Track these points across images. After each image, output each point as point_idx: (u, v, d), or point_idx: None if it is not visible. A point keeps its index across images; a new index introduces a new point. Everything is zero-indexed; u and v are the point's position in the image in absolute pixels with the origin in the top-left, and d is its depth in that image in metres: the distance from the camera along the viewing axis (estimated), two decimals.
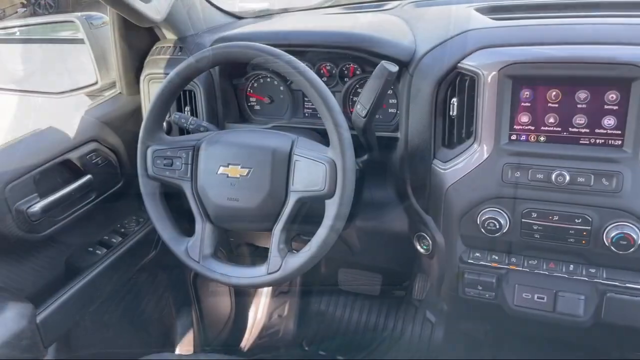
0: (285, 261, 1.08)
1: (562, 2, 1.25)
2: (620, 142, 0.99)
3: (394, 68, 1.03)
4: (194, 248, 1.15)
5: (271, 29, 1.42)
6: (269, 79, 1.43)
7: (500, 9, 1.27)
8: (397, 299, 2.01)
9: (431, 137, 1.16)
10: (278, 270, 1.08)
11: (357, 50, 1.22)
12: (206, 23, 1.59)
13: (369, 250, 1.51)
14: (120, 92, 1.55)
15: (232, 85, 1.44)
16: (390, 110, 1.31)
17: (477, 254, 1.17)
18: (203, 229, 1.15)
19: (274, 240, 1.09)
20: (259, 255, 1.99)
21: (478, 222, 1.10)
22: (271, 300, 2.09)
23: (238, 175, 1.10)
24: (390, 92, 1.28)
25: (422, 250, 1.30)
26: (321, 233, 1.05)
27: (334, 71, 1.34)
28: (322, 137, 1.26)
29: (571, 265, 1.10)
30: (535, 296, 1.13)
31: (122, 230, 1.53)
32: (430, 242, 1.26)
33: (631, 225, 0.99)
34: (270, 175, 1.07)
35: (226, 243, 1.83)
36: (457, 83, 1.11)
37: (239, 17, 1.73)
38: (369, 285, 1.99)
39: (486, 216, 1.09)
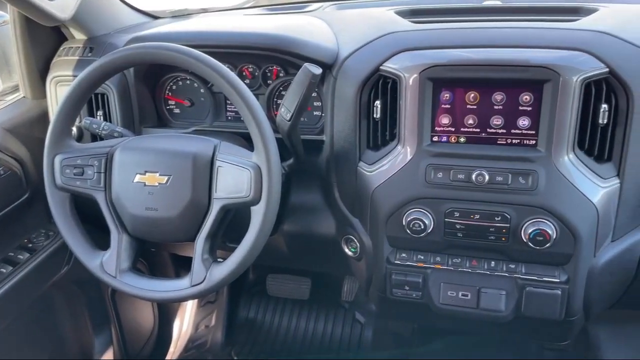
0: (210, 272, 1.03)
1: (480, 6, 1.29)
2: (534, 142, 1.04)
3: (318, 70, 1.02)
4: (110, 262, 1.08)
5: (190, 29, 1.36)
6: (188, 81, 1.37)
7: (420, 12, 1.30)
8: (326, 302, 2.00)
9: (356, 140, 1.16)
10: (202, 281, 1.03)
11: (279, 52, 1.20)
12: (119, 22, 1.50)
13: (298, 254, 1.49)
14: (24, 96, 1.43)
15: (149, 88, 1.37)
16: (315, 113, 1.30)
17: (404, 255, 1.18)
18: (119, 242, 1.08)
19: (197, 250, 1.04)
20: (184, 265, 1.92)
21: (404, 223, 1.11)
22: (197, 310, 2.02)
23: (156, 184, 1.04)
24: (314, 94, 1.27)
25: (350, 253, 1.30)
26: (248, 240, 1.01)
27: (256, 73, 1.31)
28: (246, 141, 1.23)
29: (492, 262, 1.14)
30: (460, 293, 1.15)
31: (30, 245, 1.42)
32: (358, 244, 1.26)
33: (546, 221, 1.04)
34: (192, 183, 1.02)
35: (147, 254, 1.75)
36: (380, 85, 1.11)
37: (155, 17, 1.66)
38: (298, 289, 1.97)
39: (411, 217, 1.10)
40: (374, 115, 1.13)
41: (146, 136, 1.17)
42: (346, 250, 1.30)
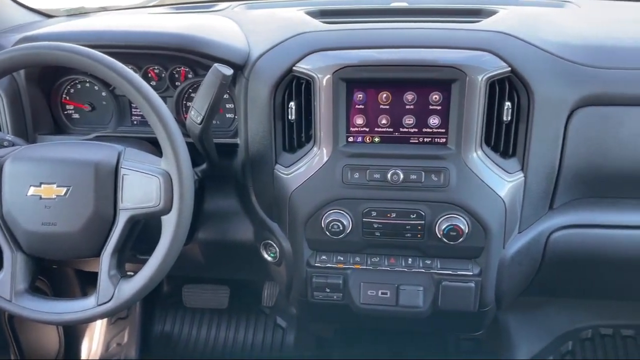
0: (118, 289, 0.96)
1: (387, 7, 1.31)
2: (444, 140, 1.06)
3: (229, 71, 0.98)
4: (4, 284, 0.98)
5: (87, 28, 1.27)
6: (88, 84, 1.28)
7: (330, 12, 1.29)
8: (246, 309, 1.96)
9: (272, 142, 1.13)
10: (110, 300, 0.96)
11: (187, 52, 1.14)
12: (6, 21, 1.38)
13: (215, 263, 1.44)
14: None
15: (44, 92, 1.26)
16: (227, 116, 1.26)
17: (324, 257, 1.17)
18: (14, 261, 0.98)
19: (103, 266, 0.96)
20: (92, 281, 1.79)
21: (323, 225, 1.10)
22: (107, 328, 1.90)
23: (54, 196, 0.95)
24: (226, 96, 1.23)
25: (269, 259, 1.27)
26: (160, 252, 0.96)
27: (163, 75, 1.24)
28: (155, 147, 1.16)
29: (410, 259, 1.16)
30: (380, 292, 1.16)
31: None
32: (277, 249, 1.23)
33: (459, 217, 1.07)
34: (94, 193, 0.95)
35: (48, 272, 1.61)
36: (294, 86, 1.09)
37: (49, 15, 1.54)
38: (217, 298, 1.91)
39: (330, 218, 1.09)
40: (289, 117, 1.11)
41: (41, 144, 1.07)
42: (265, 255, 1.27)
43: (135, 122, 1.29)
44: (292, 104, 1.09)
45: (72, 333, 1.87)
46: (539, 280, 1.25)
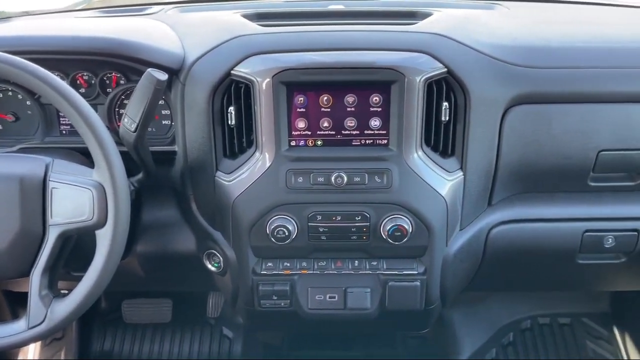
0: (51, 309, 0.90)
1: (325, 10, 1.31)
2: (386, 141, 1.07)
3: (163, 76, 0.94)
4: None
5: (8, 34, 1.19)
6: (10, 93, 1.19)
7: (267, 15, 1.28)
8: (191, 321, 1.90)
9: (211, 149, 1.10)
10: (42, 322, 0.90)
11: (117, 56, 1.09)
12: None
13: (155, 276, 1.39)
14: None
15: None
16: (164, 122, 1.21)
17: (270, 264, 1.15)
18: None
19: (33, 286, 0.90)
20: (23, 302, 1.68)
21: (268, 232, 1.08)
22: (42, 350, 1.79)
23: None
24: (162, 102, 1.18)
25: (213, 269, 1.23)
26: (95, 268, 0.91)
27: (93, 82, 1.18)
28: (87, 157, 1.10)
29: (356, 261, 1.16)
30: (327, 296, 1.16)
31: None
32: (221, 258, 1.20)
33: (403, 217, 1.08)
34: (20, 209, 0.89)
35: None
36: (233, 91, 1.07)
37: None
38: (159, 312, 1.84)
39: (275, 224, 1.07)
40: (229, 122, 1.08)
41: None
42: (209, 265, 1.24)
43: (64, 132, 1.22)
44: (231, 108, 1.07)
45: (3, 357, 1.74)
46: (481, 276, 1.29)
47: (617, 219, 1.19)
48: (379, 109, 1.05)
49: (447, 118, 1.07)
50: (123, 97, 1.19)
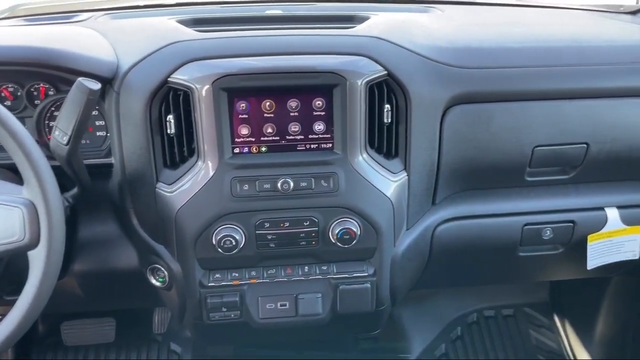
0: None
1: (262, 15, 1.29)
2: (331, 145, 1.07)
3: (95, 85, 0.90)
4: None
5: None
6: None
7: (203, 21, 1.25)
8: (136, 339, 1.82)
9: (151, 159, 1.06)
10: None
11: (44, 66, 1.03)
12: None
13: (96, 295, 1.32)
14: None
15: None
16: (98, 134, 1.16)
17: (218, 275, 1.12)
18: None
19: None
20: None
21: (214, 242, 1.06)
22: None
23: None
24: (95, 113, 1.13)
25: (157, 284, 1.19)
26: (29, 291, 0.85)
27: (19, 93, 1.11)
28: (15, 174, 1.03)
29: (306, 267, 1.15)
30: (278, 304, 1.14)
31: None
32: (165, 272, 1.15)
33: (351, 220, 1.08)
34: None
35: None
36: (171, 98, 1.03)
37: None
38: (101, 332, 1.76)
39: (221, 235, 1.05)
40: (168, 131, 1.04)
41: None
42: (153, 281, 1.19)
43: None
44: (170, 117, 1.03)
45: None
46: (428, 273, 1.31)
47: (554, 212, 1.25)
48: (323, 113, 1.05)
49: (390, 120, 1.08)
50: (53, 108, 1.13)
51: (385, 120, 1.08)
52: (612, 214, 1.25)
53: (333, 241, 1.08)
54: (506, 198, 1.24)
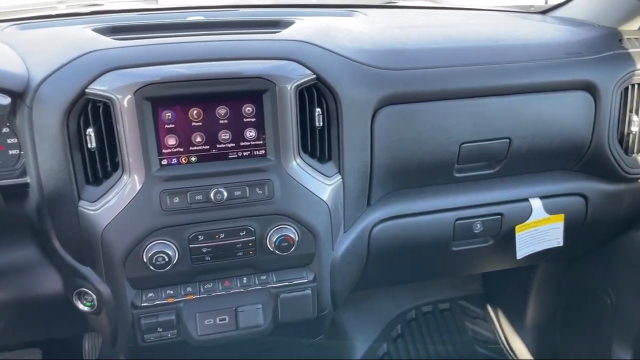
0: None
1: (184, 22, 1.25)
2: (263, 152, 1.04)
3: (5, 100, 0.83)
4: None
5: None
6: None
7: (121, 29, 1.19)
8: None
9: (71, 176, 0.99)
10: None
11: None
12: None
13: (17, 326, 1.22)
14: None
15: None
16: (11, 152, 1.06)
17: (151, 294, 1.07)
18: None
19: None
20: None
21: (145, 260, 1.00)
22: None
23: None
24: (5, 130, 1.04)
25: (86, 308, 1.11)
26: None
27: None
28: None
29: (244, 278, 1.12)
30: (217, 319, 1.11)
31: None
32: (94, 296, 1.09)
33: (288, 226, 1.06)
34: None
35: None
36: (90, 111, 0.97)
37: None
38: None
39: (153, 251, 1.00)
40: (89, 146, 0.98)
41: None
42: (80, 306, 1.12)
43: None
44: (90, 130, 0.97)
45: None
46: (368, 274, 1.31)
47: (483, 205, 1.29)
48: (253, 119, 1.02)
49: (321, 124, 1.08)
50: None
51: (317, 124, 1.07)
52: (536, 204, 1.31)
53: (271, 249, 1.06)
54: (438, 195, 1.27)
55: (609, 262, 1.54)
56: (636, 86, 1.27)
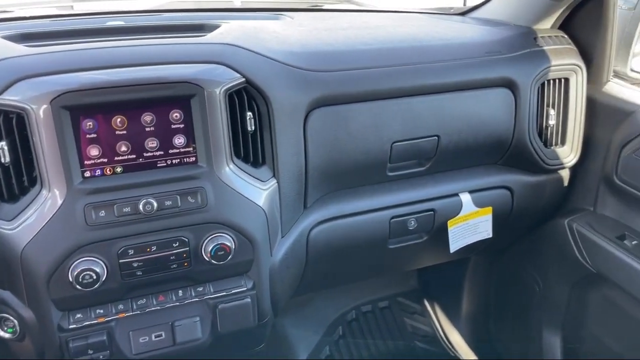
0: None
1: (103, 27, 1.19)
2: (194, 159, 1.01)
3: None
4: None
5: None
6: None
7: (34, 35, 1.11)
8: None
9: None
10: None
11: None
12: None
13: None
14: None
15: None
16: None
17: (79, 315, 1.01)
18: None
19: None
20: None
21: (71, 279, 0.94)
22: None
23: None
24: None
25: (7, 335, 1.03)
26: None
27: None
28: None
29: (180, 291, 1.08)
30: (153, 336, 1.06)
31: None
32: (15, 322, 1.01)
33: (224, 234, 1.03)
34: None
35: None
36: (2, 123, 0.90)
37: None
38: None
39: (78, 270, 0.94)
40: (1, 160, 0.91)
41: None
42: (1, 333, 1.03)
43: None
44: (2, 144, 0.90)
45: None
46: (307, 278, 1.30)
47: (416, 202, 1.32)
48: (182, 126, 0.99)
49: (253, 127, 1.06)
50: None
51: (249, 128, 1.05)
52: (466, 198, 1.35)
53: (207, 259, 1.03)
54: (372, 195, 1.28)
55: (534, 251, 1.62)
56: (552, 82, 1.34)
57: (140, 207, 0.96)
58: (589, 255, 1.38)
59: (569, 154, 1.40)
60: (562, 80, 1.35)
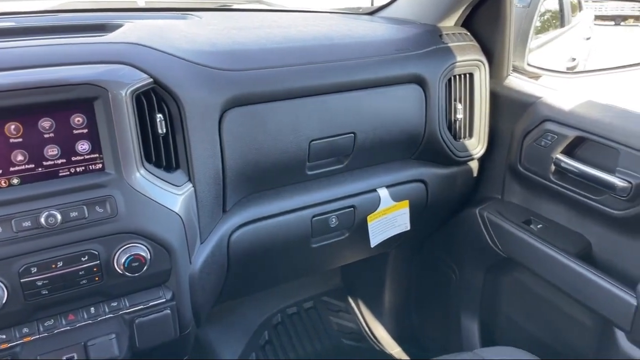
0: None
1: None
2: (101, 165, 0.95)
3: None
4: None
5: None
6: None
7: None
8: None
9: None
10: None
11: None
12: None
13: None
14: None
15: None
16: None
17: None
18: None
19: None
20: None
21: None
22: None
23: None
24: None
25: None
26: None
27: None
28: None
29: (92, 308, 1.00)
30: (64, 358, 0.98)
31: None
32: None
33: (138, 244, 0.97)
34: None
35: None
36: None
37: None
38: None
39: None
40: None
41: None
42: None
43: None
44: None
45: None
46: (230, 284, 1.27)
47: (336, 200, 1.32)
48: (85, 131, 0.92)
49: (164, 130, 1.01)
50: None
51: (160, 131, 1.00)
52: (383, 193, 1.38)
53: (120, 272, 0.97)
54: (293, 194, 1.27)
55: (450, 241, 1.68)
56: (457, 77, 1.40)
57: (42, 220, 0.89)
58: (499, 241, 1.45)
59: (476, 145, 1.47)
60: (467, 75, 1.41)
